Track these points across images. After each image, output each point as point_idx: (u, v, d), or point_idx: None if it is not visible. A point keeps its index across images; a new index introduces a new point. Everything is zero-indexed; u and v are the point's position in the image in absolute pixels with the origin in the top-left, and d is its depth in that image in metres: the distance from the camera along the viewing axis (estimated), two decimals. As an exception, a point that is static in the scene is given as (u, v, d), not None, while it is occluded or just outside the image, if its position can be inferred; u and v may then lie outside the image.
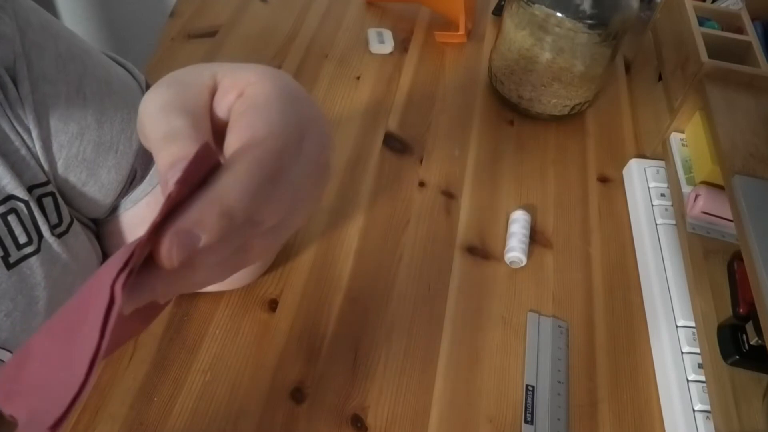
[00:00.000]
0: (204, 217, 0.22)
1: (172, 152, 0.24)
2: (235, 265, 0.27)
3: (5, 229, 0.36)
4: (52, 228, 0.39)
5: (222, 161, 0.25)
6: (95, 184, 0.41)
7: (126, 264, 0.21)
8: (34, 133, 0.37)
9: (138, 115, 0.27)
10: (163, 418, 0.46)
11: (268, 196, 0.25)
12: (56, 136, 0.38)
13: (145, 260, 0.23)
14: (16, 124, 0.36)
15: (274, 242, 0.28)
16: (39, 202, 0.38)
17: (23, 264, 0.37)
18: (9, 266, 0.36)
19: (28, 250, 0.37)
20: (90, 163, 0.40)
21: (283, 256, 0.56)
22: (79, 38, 0.42)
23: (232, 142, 0.25)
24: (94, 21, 1.44)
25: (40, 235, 0.38)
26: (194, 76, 0.27)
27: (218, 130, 0.27)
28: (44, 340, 0.23)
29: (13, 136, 0.36)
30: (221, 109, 0.27)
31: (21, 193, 0.37)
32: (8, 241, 0.36)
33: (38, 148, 0.38)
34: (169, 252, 0.22)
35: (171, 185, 0.22)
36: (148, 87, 0.45)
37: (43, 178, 0.38)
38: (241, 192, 0.23)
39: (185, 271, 0.24)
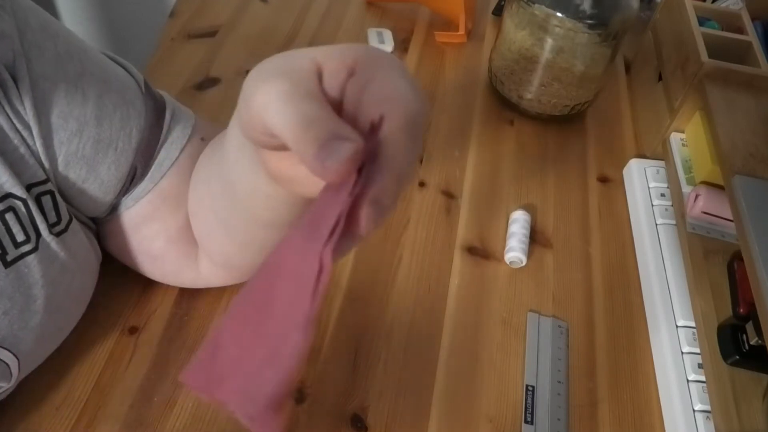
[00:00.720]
0: (387, 185, 0.25)
1: (316, 135, 0.25)
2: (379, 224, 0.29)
3: (3, 227, 0.36)
4: (51, 227, 0.39)
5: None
6: (95, 181, 0.41)
7: (332, 234, 0.23)
8: (35, 131, 0.37)
9: (248, 109, 0.27)
10: (163, 418, 0.46)
11: (415, 156, 0.27)
12: (56, 133, 0.38)
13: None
14: (15, 121, 0.37)
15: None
16: (37, 200, 0.38)
17: (21, 262, 0.37)
18: (6, 264, 0.36)
19: (26, 248, 0.37)
20: (89, 160, 0.41)
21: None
22: (78, 38, 0.42)
23: (373, 115, 0.26)
24: (94, 21, 1.44)
25: (38, 234, 0.38)
26: (295, 65, 0.28)
27: (335, 110, 0.28)
28: (232, 325, 0.25)
29: (12, 134, 0.36)
30: (333, 90, 0.28)
31: (19, 191, 0.37)
32: (6, 240, 0.36)
33: (38, 146, 0.38)
34: (368, 220, 0.24)
35: (332, 163, 0.24)
36: (147, 86, 0.45)
37: (42, 177, 0.38)
38: (407, 158, 0.26)
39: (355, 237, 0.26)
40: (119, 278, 0.51)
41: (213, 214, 0.44)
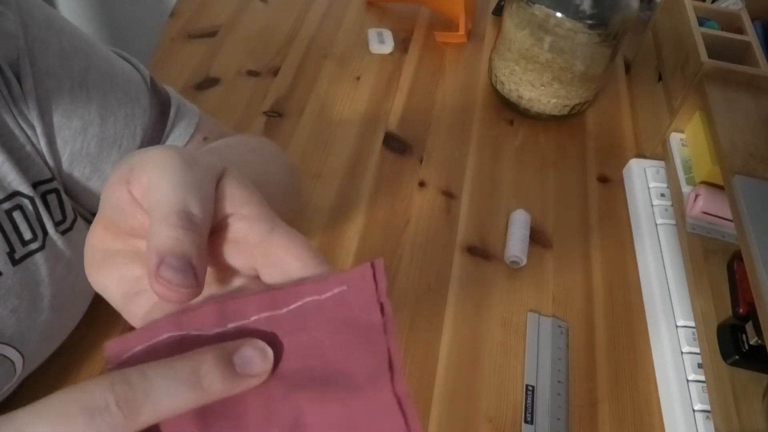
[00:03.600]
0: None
1: (172, 242, 0.21)
2: None
3: (10, 225, 0.36)
4: (56, 225, 0.39)
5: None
6: (99, 179, 0.42)
7: (391, 364, 0.21)
8: (38, 129, 0.37)
9: (145, 154, 0.23)
10: (163, 418, 0.46)
11: None
12: (60, 132, 0.39)
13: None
14: (20, 120, 0.37)
15: None
16: (44, 198, 0.38)
17: (28, 260, 0.37)
18: (15, 262, 0.37)
19: (33, 246, 0.38)
20: (94, 158, 0.41)
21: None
22: (84, 33, 0.42)
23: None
24: (94, 21, 1.44)
25: (45, 232, 0.38)
26: (209, 163, 0.24)
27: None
28: None
29: (18, 132, 0.37)
30: (220, 199, 0.24)
31: (26, 189, 0.37)
32: (14, 237, 0.37)
33: (43, 144, 0.38)
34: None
35: (171, 276, 0.20)
36: (152, 81, 0.45)
37: (47, 175, 0.38)
38: None
39: None
40: (119, 278, 0.51)
41: None
